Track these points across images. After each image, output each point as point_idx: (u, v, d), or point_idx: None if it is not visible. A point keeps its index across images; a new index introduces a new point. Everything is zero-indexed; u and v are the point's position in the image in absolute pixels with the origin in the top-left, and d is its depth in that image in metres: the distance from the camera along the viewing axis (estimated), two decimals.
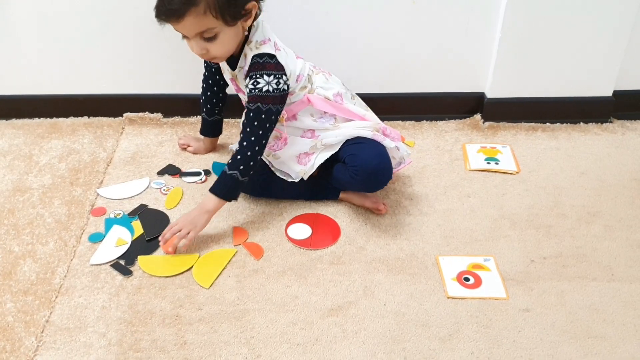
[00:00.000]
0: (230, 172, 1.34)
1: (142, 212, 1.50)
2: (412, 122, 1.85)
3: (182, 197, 1.55)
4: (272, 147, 1.47)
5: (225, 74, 1.48)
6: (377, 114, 1.52)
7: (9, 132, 1.79)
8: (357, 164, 1.38)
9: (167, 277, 1.32)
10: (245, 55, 1.35)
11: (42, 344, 1.18)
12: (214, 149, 1.71)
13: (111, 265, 1.35)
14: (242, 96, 1.45)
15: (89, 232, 1.44)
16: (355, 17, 1.69)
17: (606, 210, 1.52)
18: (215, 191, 1.36)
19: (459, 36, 1.73)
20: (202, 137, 1.69)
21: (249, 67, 1.34)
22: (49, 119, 1.85)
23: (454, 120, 1.85)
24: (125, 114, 1.83)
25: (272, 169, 1.50)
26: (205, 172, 1.63)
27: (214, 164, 1.66)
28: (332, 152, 1.43)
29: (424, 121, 1.85)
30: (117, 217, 1.48)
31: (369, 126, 1.44)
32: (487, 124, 1.83)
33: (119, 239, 1.41)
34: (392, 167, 1.42)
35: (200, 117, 1.66)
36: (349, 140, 1.42)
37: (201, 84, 1.60)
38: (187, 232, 1.34)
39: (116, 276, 1.33)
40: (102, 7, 1.67)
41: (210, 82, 1.58)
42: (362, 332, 1.21)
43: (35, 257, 1.37)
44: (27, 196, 1.55)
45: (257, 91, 1.32)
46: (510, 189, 1.59)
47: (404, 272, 1.34)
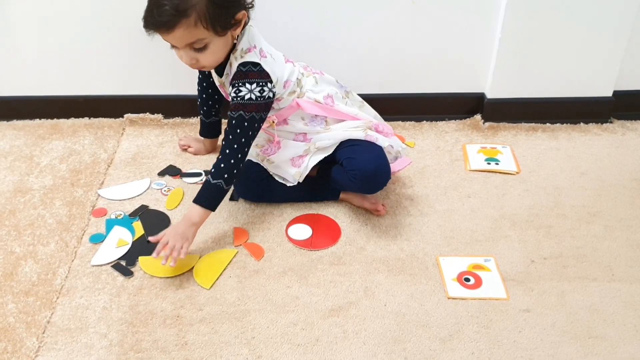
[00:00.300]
0: (214, 181, 1.31)
1: (143, 213, 1.50)
2: (412, 122, 1.85)
3: (183, 197, 1.55)
4: (265, 151, 1.47)
5: (214, 80, 1.48)
6: None
7: (10, 133, 1.79)
8: (355, 167, 1.38)
9: (168, 277, 1.33)
10: (230, 64, 1.34)
11: (44, 344, 1.18)
12: (214, 149, 1.72)
13: (112, 266, 1.35)
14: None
15: (89, 233, 1.44)
16: (355, 17, 1.69)
17: (606, 210, 1.52)
18: (200, 202, 1.33)
19: (459, 36, 1.73)
20: (202, 138, 1.69)
21: (232, 75, 1.33)
22: (49, 120, 1.85)
23: (454, 120, 1.85)
24: (126, 115, 1.83)
25: (271, 174, 1.50)
26: (206, 173, 1.63)
27: None
28: (326, 155, 1.43)
29: (424, 121, 1.85)
30: (118, 217, 1.49)
31: (361, 126, 1.44)
32: (487, 124, 1.83)
33: (120, 240, 1.41)
34: (390, 168, 1.42)
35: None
36: (343, 141, 1.42)
37: (197, 87, 1.60)
38: (181, 247, 1.31)
39: (117, 277, 1.33)
40: (103, 8, 1.67)
41: (204, 84, 1.58)
42: (363, 333, 1.21)
43: (36, 258, 1.37)
44: (28, 197, 1.55)
45: (239, 99, 1.31)
46: (510, 190, 1.59)
47: (405, 273, 1.34)
